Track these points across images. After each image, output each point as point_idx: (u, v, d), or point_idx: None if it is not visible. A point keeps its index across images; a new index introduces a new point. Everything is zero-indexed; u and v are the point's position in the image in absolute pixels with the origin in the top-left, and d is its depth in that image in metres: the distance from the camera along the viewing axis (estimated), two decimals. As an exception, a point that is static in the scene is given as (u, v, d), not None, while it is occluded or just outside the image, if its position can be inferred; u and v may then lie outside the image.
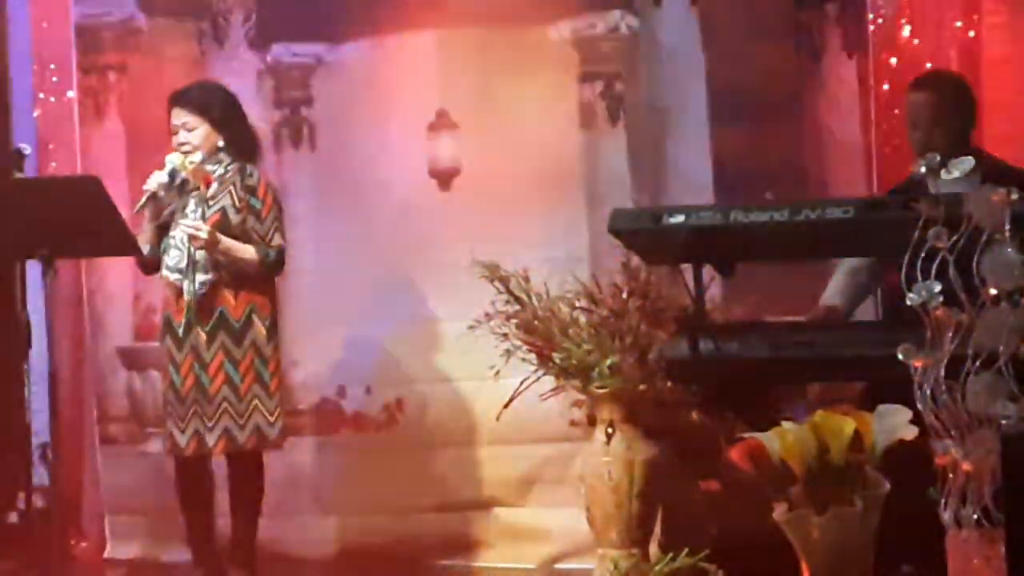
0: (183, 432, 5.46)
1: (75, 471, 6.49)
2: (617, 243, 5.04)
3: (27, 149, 6.14)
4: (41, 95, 6.60)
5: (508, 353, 5.28)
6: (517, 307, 5.27)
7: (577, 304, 5.23)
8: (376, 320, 6.40)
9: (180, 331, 5.47)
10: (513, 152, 6.24)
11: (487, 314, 5.30)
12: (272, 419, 5.52)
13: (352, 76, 6.47)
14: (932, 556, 4.03)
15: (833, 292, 5.29)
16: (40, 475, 6.04)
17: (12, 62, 6.61)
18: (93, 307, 6.57)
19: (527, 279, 5.30)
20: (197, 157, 5.48)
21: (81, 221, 5.34)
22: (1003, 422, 3.84)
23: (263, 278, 5.54)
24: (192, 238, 5.37)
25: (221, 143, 5.52)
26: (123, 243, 5.48)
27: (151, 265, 5.61)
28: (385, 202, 6.38)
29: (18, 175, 5.97)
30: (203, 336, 5.45)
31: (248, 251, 5.47)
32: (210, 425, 5.45)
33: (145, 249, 5.54)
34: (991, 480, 3.87)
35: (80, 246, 5.65)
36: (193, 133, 5.51)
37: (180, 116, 5.52)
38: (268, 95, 6.52)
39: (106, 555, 6.53)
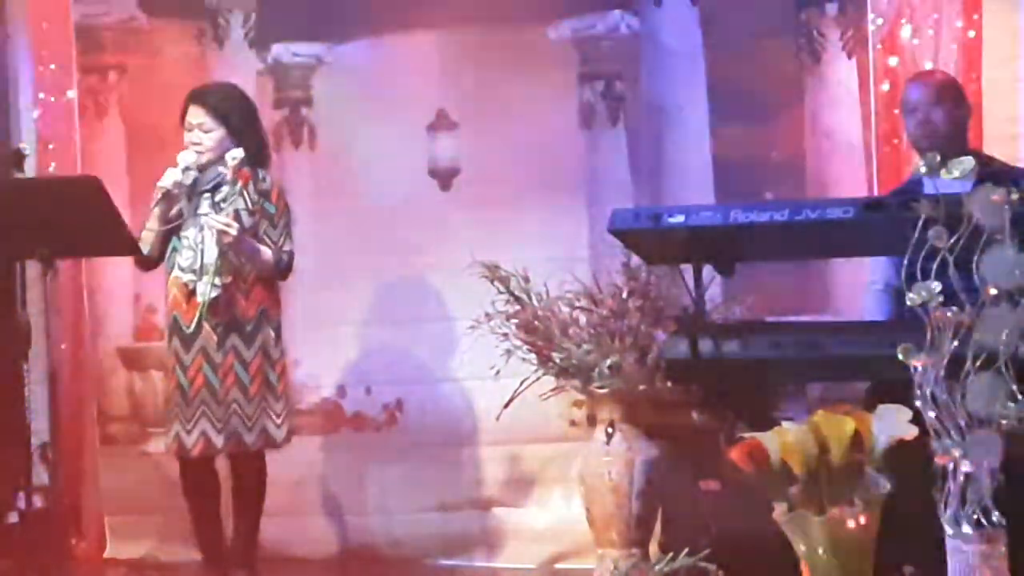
0: (189, 433, 5.45)
1: (75, 471, 6.49)
2: (617, 243, 5.04)
3: (27, 149, 6.14)
4: (41, 95, 6.59)
5: (508, 353, 5.28)
6: (517, 307, 5.28)
7: (577, 304, 5.23)
8: (376, 320, 6.41)
9: (189, 332, 5.46)
10: (513, 152, 6.25)
11: (487, 314, 5.30)
12: (279, 421, 5.51)
13: (352, 76, 6.48)
14: (932, 556, 4.03)
15: (874, 310, 5.28)
16: (40, 475, 6.04)
17: (12, 62, 6.61)
18: (93, 307, 6.57)
19: (527, 279, 5.30)
20: (239, 153, 5.45)
21: (81, 221, 5.33)
22: (1003, 422, 3.84)
23: (271, 281, 5.54)
24: (222, 233, 5.35)
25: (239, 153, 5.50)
26: (123, 243, 5.47)
27: (149, 262, 5.60)
28: (385, 202, 6.38)
29: (18, 175, 5.97)
30: (214, 337, 5.44)
31: (266, 253, 5.48)
32: (219, 426, 5.44)
33: (145, 249, 5.52)
34: (991, 480, 3.87)
35: (80, 246, 5.65)
36: (208, 135, 5.49)
37: (198, 116, 5.50)
38: (268, 95, 6.52)
39: (106, 555, 6.52)
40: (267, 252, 5.48)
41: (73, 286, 6.53)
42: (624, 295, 5.19)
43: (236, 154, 5.45)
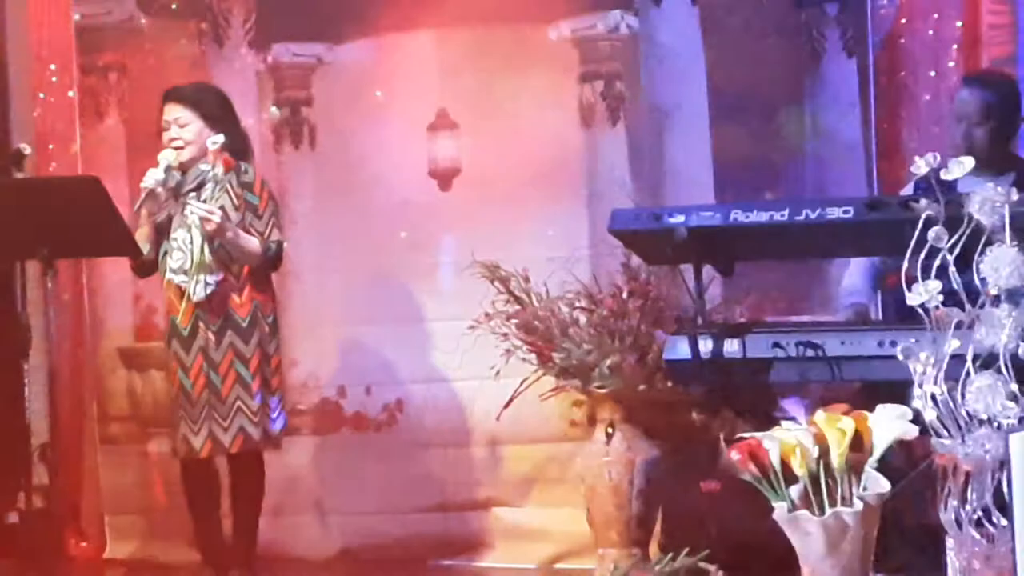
0: (196, 434, 5.44)
1: (75, 471, 6.48)
2: (617, 243, 5.05)
3: (27, 149, 6.14)
4: (41, 95, 6.60)
5: (508, 353, 5.28)
6: (517, 307, 5.28)
7: (577, 304, 5.24)
8: (376, 320, 6.40)
9: (186, 333, 5.46)
10: (513, 152, 6.24)
11: (487, 314, 5.31)
12: (274, 416, 5.52)
13: (352, 76, 6.47)
14: (932, 556, 4.03)
15: (854, 287, 5.27)
16: (40, 475, 6.05)
17: (12, 62, 6.61)
18: (93, 307, 6.57)
19: (527, 279, 5.30)
20: (219, 138, 5.46)
21: (81, 221, 5.34)
22: (1003, 422, 3.84)
23: (264, 276, 5.54)
24: (204, 221, 5.35)
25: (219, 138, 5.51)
26: (123, 243, 5.47)
27: (146, 267, 5.60)
28: (385, 202, 6.38)
29: (18, 175, 5.97)
30: (211, 337, 5.44)
31: (252, 243, 5.47)
32: (225, 425, 5.44)
33: (145, 248, 5.53)
34: (991, 480, 3.87)
35: (80, 246, 5.65)
36: (186, 129, 5.49)
37: (173, 112, 5.51)
38: (268, 95, 6.52)
39: (106, 555, 6.52)
40: (252, 241, 5.47)
41: (73, 286, 6.53)
42: (624, 295, 5.19)
43: (216, 139, 5.45)
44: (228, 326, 5.46)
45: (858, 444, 4.23)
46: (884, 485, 4.22)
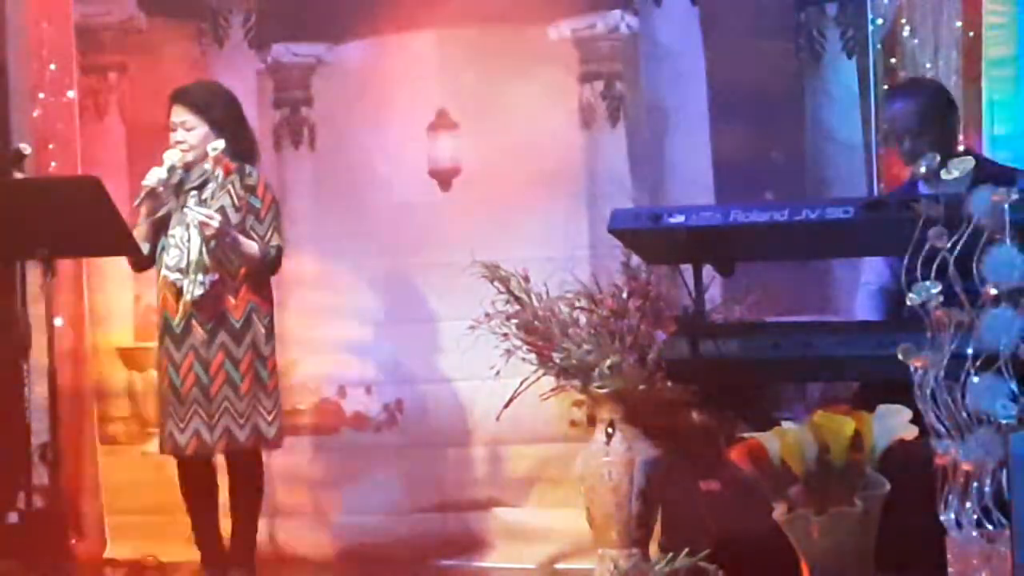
0: (183, 432, 5.46)
1: (75, 471, 6.48)
2: (617, 243, 5.05)
3: (27, 149, 6.14)
4: (41, 95, 6.59)
5: (508, 353, 5.28)
6: (517, 307, 5.28)
7: (577, 304, 5.24)
8: (376, 320, 6.40)
9: (179, 331, 5.47)
10: (513, 152, 6.24)
11: (487, 314, 5.30)
12: (270, 418, 5.52)
13: (352, 76, 6.47)
14: (932, 556, 4.03)
15: (867, 309, 5.28)
16: (40, 475, 6.04)
17: (12, 62, 6.61)
18: (93, 307, 6.57)
19: (527, 279, 5.30)
20: (220, 144, 5.47)
21: (81, 221, 5.34)
22: (1003, 422, 3.84)
23: (261, 278, 5.54)
24: (203, 225, 5.36)
25: (220, 144, 5.52)
26: (123, 243, 5.48)
27: (142, 262, 5.61)
28: (385, 202, 6.38)
29: (18, 175, 5.97)
30: (203, 335, 5.45)
31: (252, 246, 5.48)
32: (211, 424, 5.45)
33: (145, 248, 5.54)
34: (991, 480, 3.87)
35: (80, 246, 5.66)
36: (192, 132, 5.51)
37: (180, 114, 5.53)
38: (268, 95, 6.52)
39: (106, 555, 6.52)
40: (252, 245, 5.48)
41: (73, 286, 6.53)
42: (624, 295, 5.19)
43: (217, 145, 5.48)
44: (221, 326, 5.47)
45: (858, 444, 4.23)
46: (884, 485, 4.23)
